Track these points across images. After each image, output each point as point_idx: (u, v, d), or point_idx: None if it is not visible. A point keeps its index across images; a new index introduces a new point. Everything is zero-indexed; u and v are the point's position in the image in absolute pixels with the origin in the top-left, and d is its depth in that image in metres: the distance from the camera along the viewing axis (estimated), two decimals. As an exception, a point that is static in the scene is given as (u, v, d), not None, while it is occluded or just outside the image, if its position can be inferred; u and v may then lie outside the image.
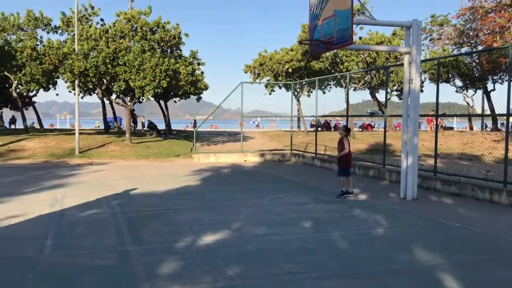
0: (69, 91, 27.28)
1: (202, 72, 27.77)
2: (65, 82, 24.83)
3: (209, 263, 5.63)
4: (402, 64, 11.31)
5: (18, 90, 29.40)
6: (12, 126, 41.61)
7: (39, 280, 5.00)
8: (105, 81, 23.35)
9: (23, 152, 20.27)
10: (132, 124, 30.37)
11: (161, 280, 4.98)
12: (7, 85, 30.83)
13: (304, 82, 28.10)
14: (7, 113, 41.06)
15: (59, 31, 29.64)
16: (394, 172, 13.19)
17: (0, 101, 36.07)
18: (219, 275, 5.15)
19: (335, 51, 24.24)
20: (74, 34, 23.30)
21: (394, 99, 33.26)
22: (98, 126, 50.15)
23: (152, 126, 31.80)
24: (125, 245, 6.40)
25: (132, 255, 5.93)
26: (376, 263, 5.74)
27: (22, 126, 31.91)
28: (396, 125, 33.92)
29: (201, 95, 33.45)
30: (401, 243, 6.73)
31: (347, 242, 6.67)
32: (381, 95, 31.75)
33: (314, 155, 18.41)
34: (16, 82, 27.93)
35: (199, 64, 25.85)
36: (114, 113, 36.70)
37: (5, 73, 26.62)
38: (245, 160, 19.62)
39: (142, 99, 23.90)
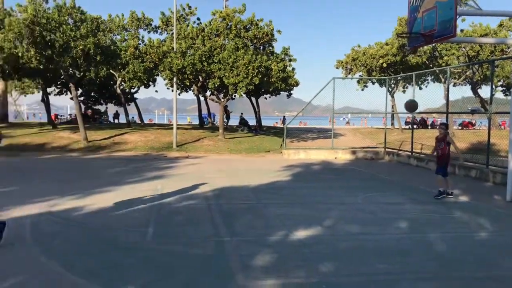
0: (167, 88, 28.72)
1: (293, 69, 27.85)
2: (164, 79, 26.20)
3: (302, 258, 5.64)
4: (510, 57, 10.47)
5: (121, 87, 31.58)
6: (116, 121, 44.64)
7: (142, 266, 5.32)
8: (200, 78, 24.24)
9: (125, 145, 21.72)
10: (225, 120, 31.24)
11: (255, 272, 5.08)
12: (111, 82, 33.25)
13: (399, 77, 27.07)
14: (111, 109, 44.23)
15: (159, 31, 31.29)
16: (499, 173, 12.26)
17: (106, 97, 39.02)
18: (312, 271, 5.14)
19: (433, 44, 23.05)
20: (172, 33, 24.47)
21: (499, 95, 30.95)
22: (190, 122, 52.32)
23: (243, 122, 32.50)
24: (220, 236, 6.62)
25: (227, 246, 6.11)
26: (479, 268, 5.39)
27: (124, 121, 34.18)
28: (500, 123, 31.55)
29: (292, 92, 33.53)
30: (508, 248, 6.25)
31: (446, 245, 6.33)
32: (484, 91, 29.71)
33: (409, 153, 17.68)
34: (120, 79, 30.03)
35: (290, 60, 25.91)
36: (208, 109, 38.05)
37: (111, 71, 28.68)
38: (335, 157, 19.37)
39: (235, 96, 24.49)
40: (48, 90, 32.23)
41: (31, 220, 7.31)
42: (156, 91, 34.13)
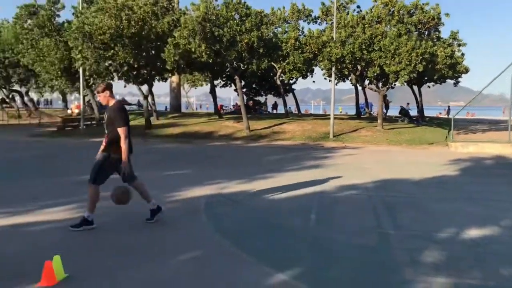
0: (324, 78, 28.77)
1: (462, 54, 25.64)
2: (322, 69, 26.28)
3: (476, 257, 5.18)
4: None
5: (281, 78, 32.60)
6: (274, 111, 46.32)
7: (306, 250, 5.43)
8: (359, 67, 23.80)
9: (284, 134, 22.44)
10: (384, 110, 30.20)
11: (424, 267, 4.81)
12: (271, 74, 34.51)
13: None
14: (270, 100, 46.01)
15: (318, 21, 31.39)
16: None
17: (266, 88, 40.69)
18: (489, 273, 4.68)
19: None
20: (332, 23, 24.40)
21: None
22: (341, 112, 51.81)
23: (404, 113, 31.05)
24: (383, 228, 6.43)
25: (392, 239, 5.90)
26: None
27: (283, 111, 35.27)
28: None
29: (459, 79, 30.89)
30: None
31: None
32: None
33: None
34: (280, 70, 31.00)
35: (459, 45, 23.93)
36: (366, 99, 37.23)
37: (272, 63, 29.77)
38: (512, 152, 17.37)
39: (395, 85, 23.53)
40: (215, 82, 34.81)
41: (204, 200, 8.00)
42: (314, 81, 34.50)
